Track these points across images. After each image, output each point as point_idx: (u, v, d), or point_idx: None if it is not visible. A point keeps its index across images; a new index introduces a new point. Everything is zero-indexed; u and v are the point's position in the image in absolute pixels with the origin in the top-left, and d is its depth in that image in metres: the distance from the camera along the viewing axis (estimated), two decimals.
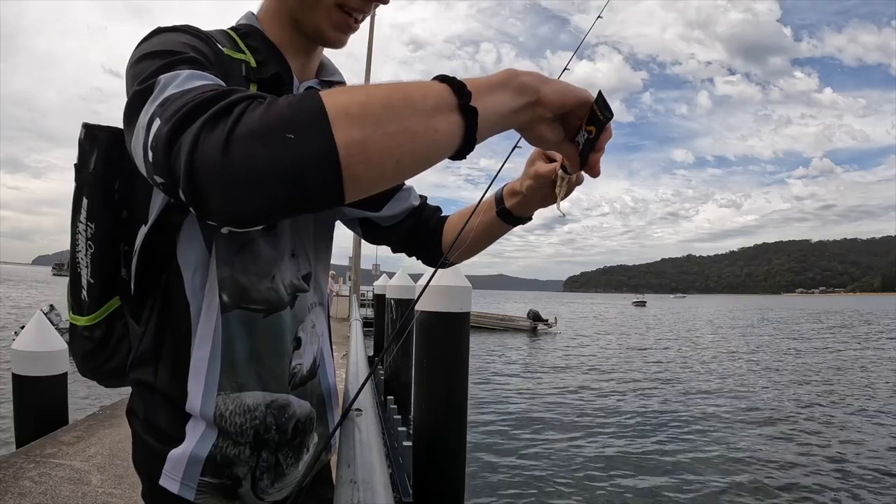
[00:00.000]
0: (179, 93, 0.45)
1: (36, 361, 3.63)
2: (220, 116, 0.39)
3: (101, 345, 0.73)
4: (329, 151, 0.38)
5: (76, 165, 0.70)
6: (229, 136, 0.38)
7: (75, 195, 0.70)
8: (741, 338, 24.88)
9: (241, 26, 0.71)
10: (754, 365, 15.53)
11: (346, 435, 0.74)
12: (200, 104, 0.41)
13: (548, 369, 14.15)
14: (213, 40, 0.63)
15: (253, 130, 0.38)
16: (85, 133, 0.69)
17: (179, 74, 0.48)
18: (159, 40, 0.57)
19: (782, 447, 7.35)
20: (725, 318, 44.28)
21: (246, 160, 0.37)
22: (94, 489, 2.68)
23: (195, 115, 0.40)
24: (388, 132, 0.40)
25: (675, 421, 8.77)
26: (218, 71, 0.57)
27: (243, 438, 0.69)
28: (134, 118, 0.48)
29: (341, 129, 0.38)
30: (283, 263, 0.72)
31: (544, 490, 5.73)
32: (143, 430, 0.69)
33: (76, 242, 0.71)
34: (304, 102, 0.40)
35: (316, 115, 0.39)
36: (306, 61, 0.74)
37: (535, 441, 7.46)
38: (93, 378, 0.79)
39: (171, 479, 0.67)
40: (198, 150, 0.39)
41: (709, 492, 5.73)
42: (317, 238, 0.79)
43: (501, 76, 0.49)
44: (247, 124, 0.38)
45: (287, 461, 0.74)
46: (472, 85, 0.45)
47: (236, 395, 0.68)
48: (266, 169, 0.38)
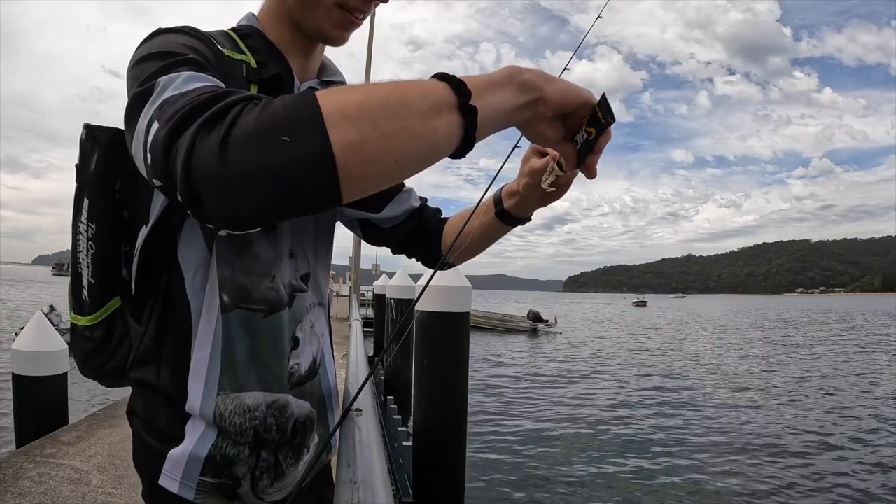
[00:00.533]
0: (178, 95, 0.45)
1: (36, 361, 3.63)
2: (217, 119, 0.39)
3: (102, 345, 0.73)
4: (324, 153, 0.38)
5: (77, 166, 0.70)
6: (225, 140, 0.38)
7: (76, 195, 0.70)
8: (746, 339, 24.87)
9: (241, 27, 0.71)
10: (757, 365, 15.52)
11: (346, 435, 0.74)
12: (198, 106, 0.41)
13: (547, 369, 14.14)
14: (214, 41, 0.63)
15: (248, 133, 0.38)
16: (86, 134, 0.69)
17: (179, 76, 0.49)
18: (160, 42, 0.57)
19: (800, 462, 7.25)
20: (730, 319, 44.19)
21: (241, 164, 0.38)
22: (94, 489, 2.68)
23: (192, 118, 0.41)
24: (385, 132, 0.40)
25: (676, 422, 8.77)
26: (218, 72, 0.57)
27: (243, 438, 0.69)
28: (134, 120, 0.48)
29: (337, 129, 0.38)
30: (283, 263, 0.72)
31: (544, 490, 5.74)
32: (143, 430, 0.70)
33: (77, 242, 0.71)
34: (299, 103, 0.40)
35: (311, 116, 0.38)
36: (307, 62, 0.74)
37: (536, 441, 7.46)
38: (93, 378, 0.79)
39: (171, 478, 0.67)
40: (194, 154, 0.39)
41: (711, 493, 5.73)
42: (317, 239, 0.79)
43: (503, 73, 0.48)
44: (242, 127, 0.38)
45: (287, 461, 0.75)
46: (472, 83, 0.45)
47: (236, 395, 0.69)
48: (261, 171, 0.38)
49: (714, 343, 22.45)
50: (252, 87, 0.66)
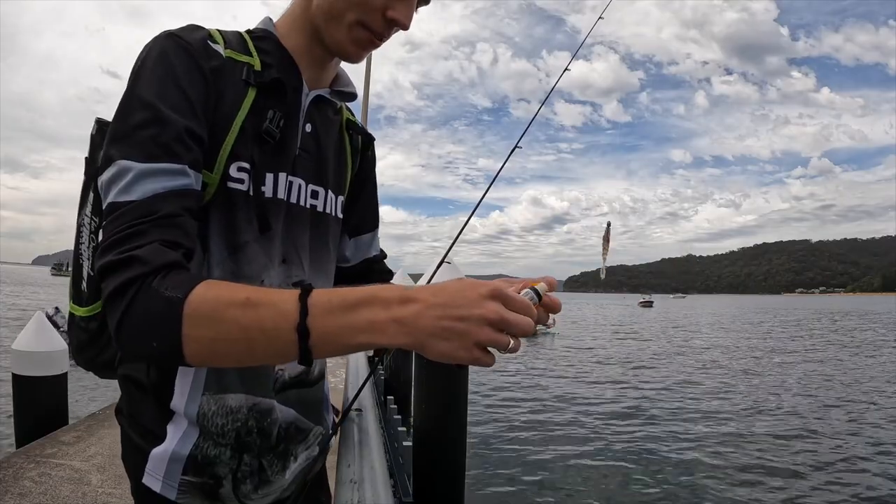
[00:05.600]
0: (112, 218, 0.55)
1: (36, 361, 3.63)
2: (120, 292, 0.51)
3: (95, 336, 0.74)
4: (177, 357, 0.50)
5: (87, 159, 0.72)
6: (119, 323, 0.51)
7: (83, 188, 0.73)
8: (749, 338, 24.85)
9: (256, 30, 0.73)
10: (771, 366, 15.49)
11: (346, 435, 0.74)
12: (113, 265, 0.52)
13: (548, 370, 14.15)
14: (214, 46, 0.66)
15: (132, 327, 0.51)
16: (97, 129, 0.72)
17: (129, 171, 0.56)
18: (156, 69, 0.60)
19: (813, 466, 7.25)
20: (736, 320, 44.09)
21: (127, 345, 0.52)
22: (94, 489, 2.68)
23: (109, 272, 0.52)
24: (231, 350, 0.50)
25: (678, 422, 8.77)
26: (202, 94, 0.62)
27: (224, 440, 0.70)
28: (103, 160, 0.58)
29: (192, 349, 0.50)
30: (273, 269, 0.72)
31: (545, 490, 5.73)
32: (128, 427, 0.71)
33: (80, 234, 0.73)
34: (166, 314, 0.49)
35: (174, 337, 0.49)
36: (321, 72, 0.75)
37: (537, 441, 7.46)
38: (87, 368, 0.79)
39: (154, 477, 0.68)
40: (107, 312, 0.53)
41: (715, 494, 5.73)
42: (312, 246, 0.78)
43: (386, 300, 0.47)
44: (129, 318, 0.51)
45: (273, 468, 0.74)
46: (326, 304, 0.48)
47: (219, 396, 0.69)
48: (138, 351, 0.53)
49: (729, 346, 22.37)
50: (250, 91, 0.67)
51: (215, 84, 0.64)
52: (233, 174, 0.65)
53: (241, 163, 0.66)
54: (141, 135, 0.57)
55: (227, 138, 0.64)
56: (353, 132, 0.86)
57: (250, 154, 0.66)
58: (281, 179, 0.71)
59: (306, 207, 0.75)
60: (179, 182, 0.57)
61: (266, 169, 0.69)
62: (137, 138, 0.57)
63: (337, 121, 0.82)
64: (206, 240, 0.66)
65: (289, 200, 0.72)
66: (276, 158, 0.70)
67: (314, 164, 0.76)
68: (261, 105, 0.68)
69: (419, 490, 2.76)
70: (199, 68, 0.63)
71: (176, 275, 0.52)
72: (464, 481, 2.78)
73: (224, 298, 0.49)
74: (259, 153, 0.67)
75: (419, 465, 2.77)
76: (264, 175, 0.68)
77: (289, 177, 0.72)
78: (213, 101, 0.63)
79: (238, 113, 0.66)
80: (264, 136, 0.67)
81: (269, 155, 0.69)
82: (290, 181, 0.72)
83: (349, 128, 0.85)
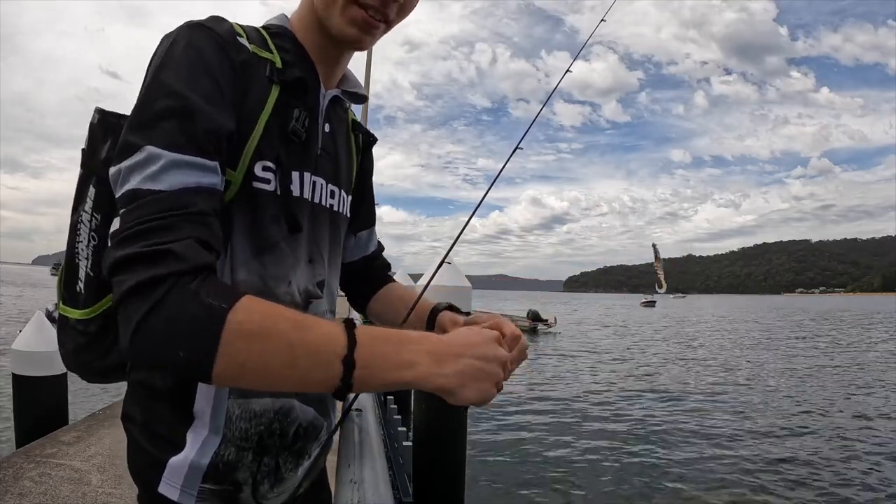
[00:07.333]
0: (136, 206, 0.50)
1: (36, 361, 3.63)
2: (145, 289, 0.45)
3: (96, 340, 0.71)
4: (203, 372, 0.46)
5: (84, 150, 0.68)
6: (140, 324, 0.45)
7: (80, 182, 0.68)
8: (748, 338, 24.84)
9: (271, 25, 0.72)
10: (771, 368, 15.49)
11: (346, 435, 0.74)
12: (136, 257, 0.47)
13: (547, 370, 14.14)
14: (240, 39, 0.64)
15: (157, 331, 0.45)
16: (99, 118, 0.68)
17: (160, 158, 0.51)
18: (185, 58, 0.57)
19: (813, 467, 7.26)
20: (738, 320, 44.06)
21: (144, 350, 0.47)
22: (94, 489, 2.68)
23: (130, 264, 0.47)
24: (267, 370, 0.47)
25: (678, 424, 8.77)
26: (235, 83, 0.60)
27: (247, 444, 0.68)
28: (119, 156, 0.53)
29: (224, 364, 0.45)
30: (300, 269, 0.71)
31: (545, 489, 5.73)
32: (141, 437, 0.67)
33: (77, 232, 0.68)
34: (204, 322, 0.45)
35: (209, 349, 0.45)
36: (333, 69, 0.75)
37: (537, 441, 7.46)
38: (79, 373, 0.76)
39: (171, 486, 0.65)
40: (121, 309, 0.47)
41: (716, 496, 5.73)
42: (331, 246, 0.78)
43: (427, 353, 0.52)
44: (156, 320, 0.45)
45: (286, 466, 0.73)
46: (371, 339, 0.50)
47: (243, 400, 0.67)
48: (156, 361, 0.49)
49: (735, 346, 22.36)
50: (274, 88, 0.66)
51: (243, 79, 0.62)
52: (258, 173, 0.63)
53: (266, 162, 0.64)
54: (169, 123, 0.53)
55: (251, 136, 0.63)
56: (358, 132, 0.87)
57: (276, 153, 0.65)
58: (306, 179, 0.70)
59: (326, 207, 0.75)
60: (210, 180, 0.54)
61: (292, 168, 0.68)
62: (166, 127, 0.53)
63: (345, 120, 0.83)
64: (228, 241, 0.64)
65: (312, 200, 0.72)
66: (300, 158, 0.69)
67: (332, 164, 0.76)
68: (284, 103, 0.66)
69: (419, 490, 2.76)
70: (230, 60, 0.61)
71: (215, 281, 0.48)
72: (464, 481, 2.79)
73: (274, 314, 0.48)
74: (285, 152, 0.66)
75: (419, 465, 2.77)
76: (291, 175, 0.68)
77: (312, 176, 0.72)
78: (239, 96, 0.62)
79: (263, 110, 0.64)
80: (291, 136, 0.67)
81: (295, 154, 0.68)
82: (313, 181, 0.72)
83: (355, 128, 0.86)
